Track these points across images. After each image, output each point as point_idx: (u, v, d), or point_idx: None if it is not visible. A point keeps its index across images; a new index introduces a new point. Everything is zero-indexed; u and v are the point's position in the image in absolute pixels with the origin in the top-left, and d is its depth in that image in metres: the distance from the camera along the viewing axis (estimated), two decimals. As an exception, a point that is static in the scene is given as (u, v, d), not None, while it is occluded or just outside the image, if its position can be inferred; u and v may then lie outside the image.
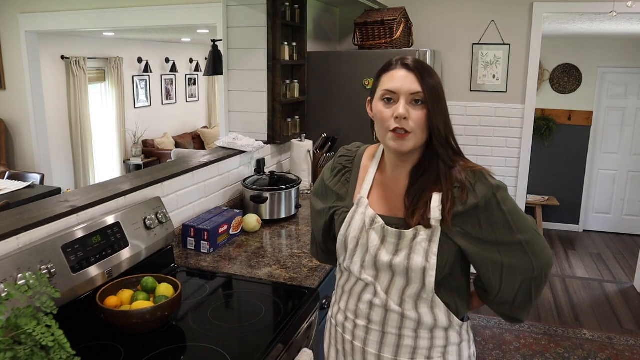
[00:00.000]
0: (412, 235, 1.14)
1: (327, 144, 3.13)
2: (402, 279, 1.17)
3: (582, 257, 4.96)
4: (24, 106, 5.21)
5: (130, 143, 7.42)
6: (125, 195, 1.79)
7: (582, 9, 3.50)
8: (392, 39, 3.14)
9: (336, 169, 1.33)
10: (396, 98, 1.13)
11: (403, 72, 1.13)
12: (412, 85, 1.12)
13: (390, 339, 1.21)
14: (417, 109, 1.12)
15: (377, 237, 1.19)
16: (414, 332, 1.20)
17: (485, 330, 3.42)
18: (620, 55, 5.37)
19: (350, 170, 1.31)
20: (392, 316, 1.20)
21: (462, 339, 1.25)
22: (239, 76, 2.89)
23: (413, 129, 1.12)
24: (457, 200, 1.12)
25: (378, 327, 1.22)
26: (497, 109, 3.81)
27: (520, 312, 1.22)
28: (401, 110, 1.11)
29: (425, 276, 1.14)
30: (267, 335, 1.45)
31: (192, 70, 8.85)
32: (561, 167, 5.71)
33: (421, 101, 1.12)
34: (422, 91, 1.11)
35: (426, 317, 1.19)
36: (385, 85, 1.15)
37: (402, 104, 1.12)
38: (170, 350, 1.38)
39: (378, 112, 1.16)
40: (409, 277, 1.16)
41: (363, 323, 1.24)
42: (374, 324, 1.22)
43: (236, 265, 1.93)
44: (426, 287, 1.16)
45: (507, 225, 1.13)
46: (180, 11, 3.97)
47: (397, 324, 1.20)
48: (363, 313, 1.24)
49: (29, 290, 1.17)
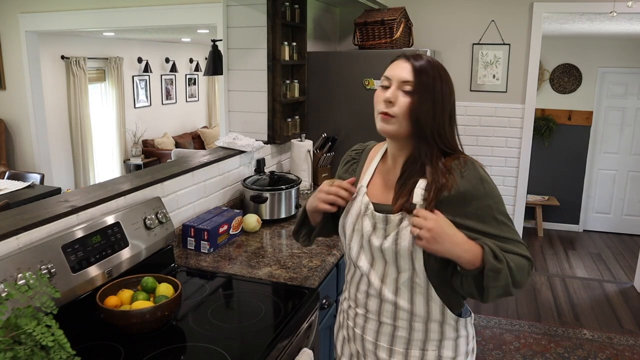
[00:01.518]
0: (398, 220, 1.19)
1: (327, 144, 3.13)
2: (393, 265, 1.21)
3: (582, 257, 4.96)
4: (24, 106, 5.21)
5: (130, 143, 7.42)
6: (125, 195, 1.79)
7: (582, 9, 3.50)
8: (392, 39, 3.14)
9: (345, 160, 1.43)
10: (389, 84, 1.20)
11: (402, 62, 1.20)
12: (404, 73, 1.17)
13: (385, 328, 1.26)
14: (405, 96, 1.17)
15: (370, 223, 1.24)
16: (408, 324, 1.23)
17: (485, 330, 3.42)
18: (620, 55, 5.37)
19: (357, 162, 1.39)
20: (386, 306, 1.24)
21: (459, 334, 1.26)
22: (239, 76, 2.89)
23: (396, 113, 1.17)
24: (444, 186, 1.15)
25: (374, 317, 1.27)
26: (497, 109, 3.81)
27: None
28: (388, 94, 1.18)
29: (413, 260, 1.18)
30: (267, 335, 1.45)
31: (192, 70, 8.85)
32: (561, 167, 5.71)
33: (410, 90, 1.16)
34: (413, 80, 1.16)
35: (419, 309, 1.22)
36: (385, 72, 1.23)
37: (391, 89, 1.18)
38: (170, 350, 1.38)
39: (375, 96, 1.23)
40: (399, 263, 1.20)
41: (362, 312, 1.30)
42: (371, 313, 1.28)
43: (236, 265, 1.93)
44: (417, 272, 1.18)
45: (492, 217, 1.15)
46: (180, 11, 3.97)
47: (391, 314, 1.24)
48: (361, 302, 1.30)
49: (29, 290, 1.17)
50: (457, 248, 1.11)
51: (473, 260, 1.12)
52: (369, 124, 1.27)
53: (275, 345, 1.41)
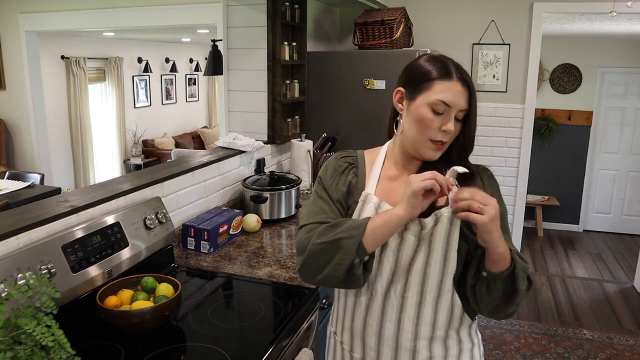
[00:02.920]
0: (433, 222, 1.11)
1: (327, 144, 3.13)
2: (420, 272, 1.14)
3: (582, 257, 4.96)
4: (24, 106, 5.21)
5: (130, 143, 7.42)
6: (125, 195, 1.79)
7: (582, 9, 3.50)
8: (392, 39, 3.14)
9: (341, 168, 1.25)
10: (447, 111, 1.11)
11: (460, 87, 1.11)
12: (465, 103, 1.12)
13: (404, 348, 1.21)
14: (458, 124, 1.13)
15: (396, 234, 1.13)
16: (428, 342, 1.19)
17: (485, 330, 3.42)
18: (620, 55, 5.37)
19: (357, 167, 1.25)
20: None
21: (474, 342, 1.25)
22: (239, 76, 2.89)
23: (449, 140, 1.14)
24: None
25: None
26: (497, 109, 3.81)
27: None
28: (451, 126, 1.11)
29: (446, 259, 1.12)
30: (267, 335, 1.45)
31: (192, 70, 8.85)
32: (561, 167, 5.71)
33: (464, 118, 1.14)
34: (468, 109, 1.13)
35: (442, 320, 1.18)
36: (440, 94, 1.10)
37: (452, 121, 1.11)
38: (170, 350, 1.38)
39: (425, 118, 1.12)
40: (428, 269, 1.13)
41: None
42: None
43: (236, 265, 1.93)
44: (448, 272, 1.13)
45: (503, 227, 1.11)
46: (180, 11, 3.97)
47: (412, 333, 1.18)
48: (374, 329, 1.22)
49: (29, 290, 1.17)
50: (501, 240, 1.03)
51: (505, 255, 1.04)
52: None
53: (275, 345, 1.41)
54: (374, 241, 1.09)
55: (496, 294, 1.08)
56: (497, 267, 1.05)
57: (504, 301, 1.09)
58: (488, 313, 1.13)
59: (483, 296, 1.10)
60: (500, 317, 1.13)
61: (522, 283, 1.06)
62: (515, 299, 1.08)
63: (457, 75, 1.11)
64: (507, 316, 1.13)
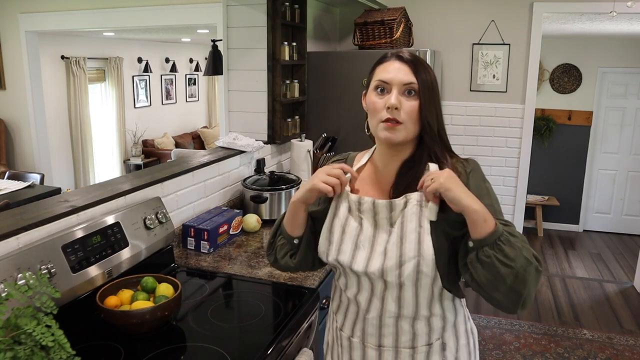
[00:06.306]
0: (403, 204, 1.14)
1: (327, 144, 3.13)
2: (395, 259, 1.13)
3: (582, 257, 4.96)
4: (24, 106, 5.21)
5: (130, 143, 7.42)
6: (125, 195, 1.79)
7: (582, 9, 3.50)
8: (392, 39, 3.14)
9: None
10: (389, 88, 1.14)
11: (397, 64, 1.15)
12: (406, 76, 1.13)
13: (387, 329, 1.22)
14: (409, 100, 1.13)
15: (369, 218, 1.17)
16: (410, 322, 1.19)
17: (485, 330, 3.42)
18: (620, 55, 5.37)
19: None
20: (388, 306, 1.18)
21: (458, 315, 1.24)
22: (239, 76, 2.89)
23: (404, 119, 1.12)
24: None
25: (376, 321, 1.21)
26: (497, 109, 3.81)
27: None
28: (393, 100, 1.12)
29: (420, 242, 1.11)
30: (267, 335, 1.45)
31: (192, 70, 8.85)
32: (561, 167, 5.71)
33: (414, 92, 1.13)
34: (416, 82, 1.12)
35: (423, 308, 1.18)
36: (378, 76, 1.16)
37: (394, 94, 1.12)
38: (170, 350, 1.38)
39: (371, 102, 1.16)
40: (403, 251, 1.12)
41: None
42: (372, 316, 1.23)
43: (236, 265, 1.93)
44: (424, 257, 1.10)
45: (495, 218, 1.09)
46: (180, 11, 3.97)
47: (394, 314, 1.19)
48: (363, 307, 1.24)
49: (29, 290, 1.17)
50: (470, 197, 1.03)
51: (483, 214, 1.02)
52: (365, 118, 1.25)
53: (275, 345, 1.41)
54: (286, 221, 1.27)
55: (489, 265, 1.03)
56: (480, 230, 1.03)
57: (500, 277, 1.02)
58: (492, 299, 1.07)
59: (479, 273, 1.05)
60: (507, 303, 1.05)
61: (512, 251, 1.01)
62: (511, 270, 1.01)
63: (394, 55, 1.16)
64: (515, 302, 1.05)
